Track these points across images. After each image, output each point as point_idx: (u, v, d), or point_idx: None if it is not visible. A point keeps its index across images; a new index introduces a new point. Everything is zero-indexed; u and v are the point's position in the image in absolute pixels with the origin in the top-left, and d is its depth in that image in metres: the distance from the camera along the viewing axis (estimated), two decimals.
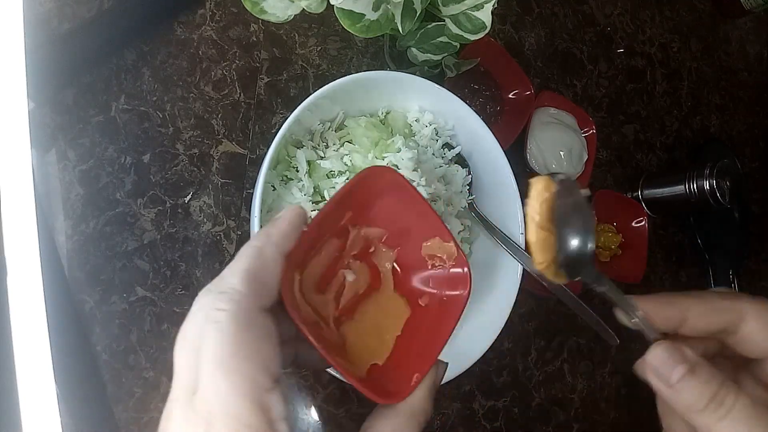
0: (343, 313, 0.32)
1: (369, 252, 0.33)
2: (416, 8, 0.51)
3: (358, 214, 0.33)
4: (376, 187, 0.32)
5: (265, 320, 0.23)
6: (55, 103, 0.48)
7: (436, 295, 0.33)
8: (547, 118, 0.70)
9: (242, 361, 0.22)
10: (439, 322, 0.32)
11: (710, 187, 0.73)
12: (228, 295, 0.23)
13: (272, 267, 0.25)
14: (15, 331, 0.37)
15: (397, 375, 0.30)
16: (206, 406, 0.21)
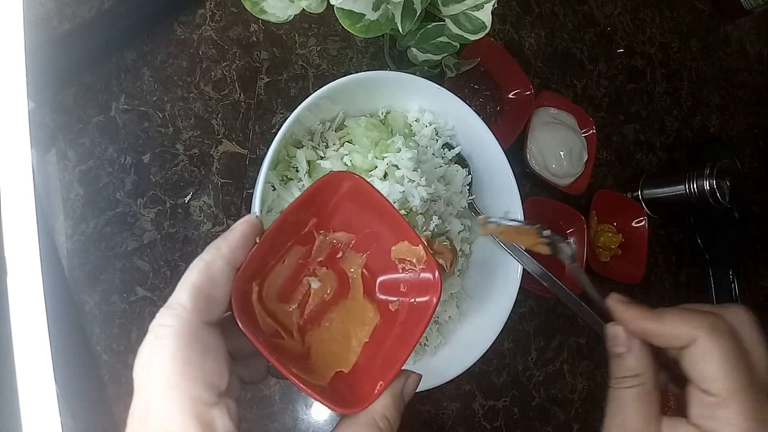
0: (309, 321, 0.31)
1: (337, 258, 0.33)
2: (416, 8, 0.51)
3: (324, 220, 0.32)
4: (340, 194, 0.32)
5: (209, 335, 0.23)
6: (55, 103, 0.48)
7: (406, 300, 0.32)
8: (547, 118, 0.70)
9: (183, 378, 0.22)
10: (407, 328, 0.31)
11: (710, 187, 0.73)
12: (173, 310, 0.23)
13: (220, 281, 0.25)
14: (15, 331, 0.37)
15: (362, 383, 0.29)
16: (153, 425, 0.22)
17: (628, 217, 0.75)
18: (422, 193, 0.49)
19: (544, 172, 0.68)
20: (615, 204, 0.74)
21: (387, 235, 0.32)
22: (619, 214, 0.75)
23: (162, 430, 0.21)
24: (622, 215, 0.75)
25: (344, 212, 0.32)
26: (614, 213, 0.75)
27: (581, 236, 0.69)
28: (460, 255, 0.56)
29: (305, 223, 0.32)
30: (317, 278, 0.32)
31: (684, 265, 0.84)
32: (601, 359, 0.72)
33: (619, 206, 0.75)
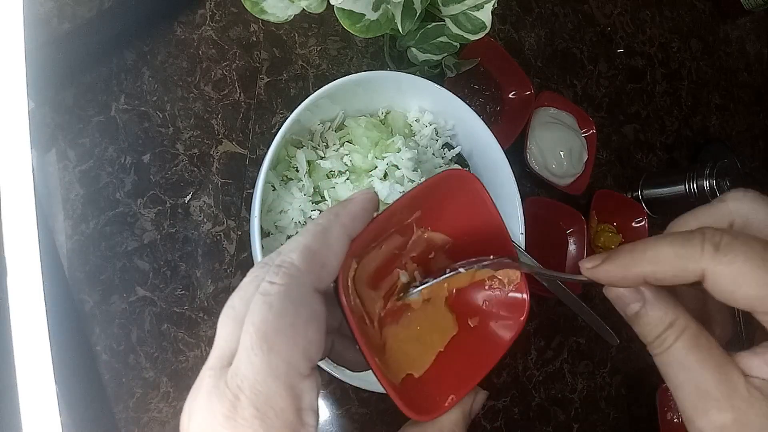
0: (389, 315, 0.30)
1: (428, 258, 0.32)
2: (416, 8, 0.51)
3: (426, 214, 0.31)
4: (453, 191, 0.30)
5: (317, 303, 0.22)
6: (55, 103, 0.48)
7: (488, 317, 0.31)
8: (547, 118, 0.70)
9: (284, 340, 0.20)
10: (485, 346, 0.30)
11: (710, 187, 0.73)
12: (284, 269, 0.22)
13: (336, 248, 0.23)
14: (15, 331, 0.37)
15: (432, 392, 0.29)
16: (237, 380, 0.20)
17: (628, 217, 0.75)
18: None
19: (544, 172, 0.68)
20: (615, 204, 0.74)
21: (484, 246, 0.31)
22: (619, 214, 0.75)
23: (247, 387, 0.20)
24: (622, 215, 0.75)
25: (450, 211, 0.31)
26: (614, 213, 0.75)
27: (581, 236, 0.69)
28: None
29: (411, 213, 0.30)
30: (407, 272, 0.31)
31: None
32: (601, 359, 0.72)
33: (619, 206, 0.75)
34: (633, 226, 0.75)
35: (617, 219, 0.75)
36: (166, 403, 0.48)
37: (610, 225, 0.75)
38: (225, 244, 0.53)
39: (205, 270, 0.52)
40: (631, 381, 0.74)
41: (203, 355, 0.50)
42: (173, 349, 0.49)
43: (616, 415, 0.73)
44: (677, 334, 0.24)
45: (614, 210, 0.74)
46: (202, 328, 0.51)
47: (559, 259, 0.69)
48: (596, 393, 0.72)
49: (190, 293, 0.51)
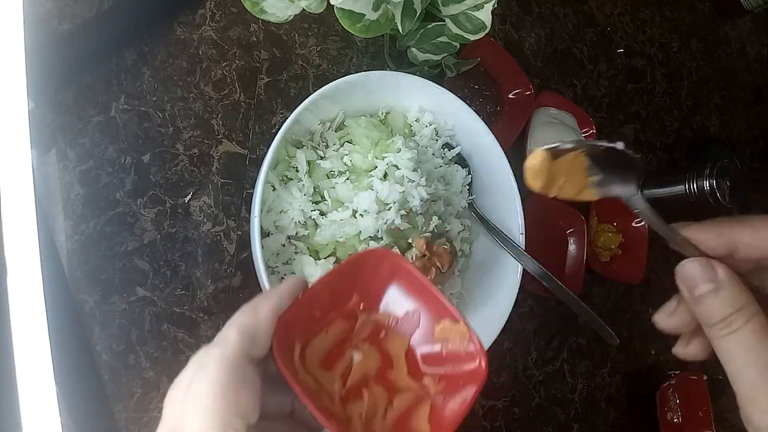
0: (351, 393, 0.32)
1: (380, 337, 0.33)
2: (416, 8, 0.51)
3: (366, 298, 0.33)
4: (381, 273, 0.33)
5: (248, 370, 0.25)
6: (55, 103, 0.48)
7: (449, 380, 0.32)
8: (547, 118, 0.70)
9: (219, 402, 0.23)
10: (449, 408, 0.31)
11: (710, 187, 0.73)
12: (220, 343, 0.25)
13: (264, 322, 0.27)
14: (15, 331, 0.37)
15: None
16: None
17: (628, 217, 0.75)
18: (422, 193, 0.49)
19: None
20: (615, 204, 0.74)
21: (427, 312, 0.33)
22: (619, 214, 0.75)
23: None
24: (622, 215, 0.75)
25: (385, 292, 0.33)
26: (614, 213, 0.75)
27: (581, 236, 0.69)
28: (460, 255, 0.56)
29: (348, 297, 0.33)
30: (360, 351, 0.32)
31: None
32: (601, 359, 0.72)
33: (619, 206, 0.75)
34: (633, 226, 0.75)
35: (617, 219, 0.75)
36: None
37: (610, 225, 0.75)
38: (225, 244, 0.53)
39: (205, 270, 0.52)
40: (631, 381, 0.74)
41: None
42: (173, 349, 0.49)
43: (616, 415, 0.73)
44: (747, 318, 0.24)
45: (614, 210, 0.74)
46: (202, 328, 0.51)
47: (559, 259, 0.69)
48: (596, 393, 0.72)
49: (190, 293, 0.51)
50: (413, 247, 0.51)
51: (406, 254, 0.51)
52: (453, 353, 0.32)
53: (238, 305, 0.53)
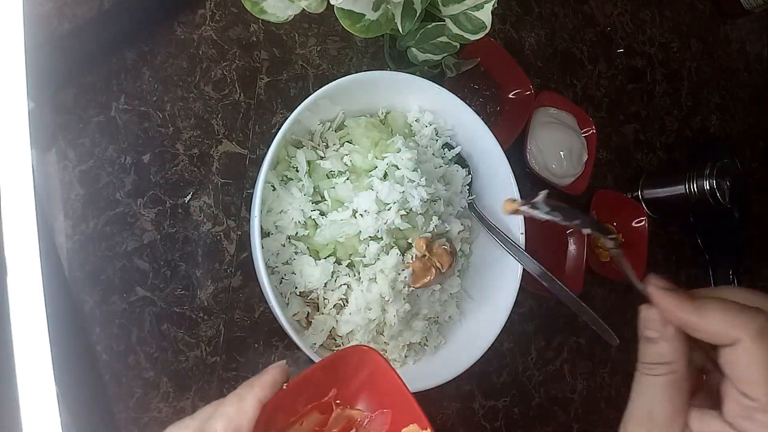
0: None
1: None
2: (416, 8, 0.51)
3: (343, 392, 0.34)
4: (360, 366, 0.34)
5: None
6: (55, 103, 0.48)
7: None
8: (547, 118, 0.70)
9: None
10: None
11: (710, 187, 0.73)
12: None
13: (249, 412, 0.29)
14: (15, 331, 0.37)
15: None
16: None
17: (628, 217, 0.75)
18: (422, 193, 0.49)
19: (544, 172, 0.68)
20: (615, 204, 0.74)
21: (398, 415, 0.34)
22: (618, 214, 0.75)
23: None
24: (622, 215, 0.75)
25: (363, 389, 0.35)
26: (614, 213, 0.75)
27: (581, 236, 0.69)
28: (460, 255, 0.56)
29: (327, 390, 0.34)
30: None
31: (684, 265, 0.84)
32: (601, 359, 0.72)
33: (619, 206, 0.75)
34: (633, 226, 0.75)
35: (617, 219, 0.75)
36: (166, 403, 0.48)
37: (610, 225, 0.75)
38: (225, 244, 0.53)
39: (205, 270, 0.52)
40: (631, 381, 0.74)
41: (203, 355, 0.50)
42: (173, 349, 0.49)
43: (616, 415, 0.73)
44: (667, 372, 0.29)
45: (614, 210, 0.74)
46: (202, 328, 0.51)
47: (559, 259, 0.69)
48: (596, 393, 0.72)
49: (190, 293, 0.51)
50: (413, 247, 0.51)
51: (406, 254, 0.51)
52: None
53: (238, 305, 0.53)
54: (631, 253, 0.74)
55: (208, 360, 0.51)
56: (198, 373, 0.50)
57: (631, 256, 0.74)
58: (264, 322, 0.53)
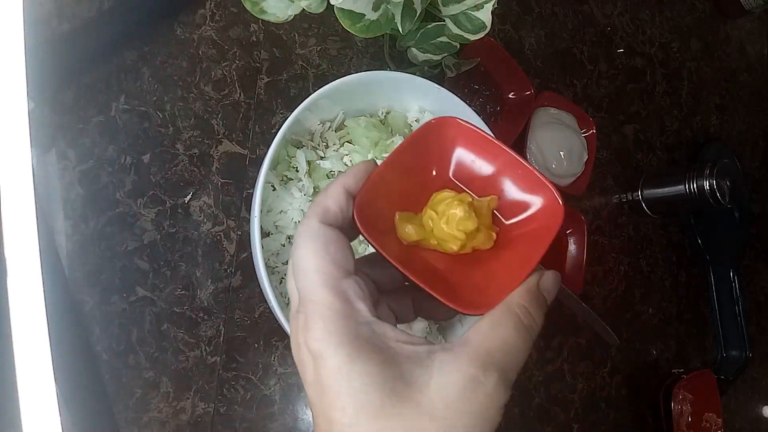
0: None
1: None
2: (416, 8, 0.51)
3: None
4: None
5: (329, 232, 0.28)
6: (55, 103, 0.48)
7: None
8: (547, 118, 0.70)
9: (312, 259, 0.27)
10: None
11: (710, 187, 0.73)
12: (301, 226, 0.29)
13: (335, 197, 0.29)
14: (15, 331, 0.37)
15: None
16: (302, 303, 0.27)
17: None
18: None
19: (544, 172, 0.68)
20: None
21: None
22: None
23: (306, 302, 0.27)
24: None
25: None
26: None
27: (581, 236, 0.69)
28: None
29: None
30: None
31: (684, 265, 0.84)
32: (601, 359, 0.72)
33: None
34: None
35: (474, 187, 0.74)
36: (166, 403, 0.48)
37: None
38: (225, 244, 0.53)
39: (205, 270, 0.52)
40: (631, 381, 0.74)
41: (203, 355, 0.50)
42: (173, 349, 0.49)
43: (616, 415, 0.73)
44: None
45: None
46: (202, 328, 0.51)
47: (559, 259, 0.69)
48: (596, 393, 0.72)
49: (190, 293, 0.51)
50: None
51: None
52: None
53: (238, 305, 0.53)
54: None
55: (208, 360, 0.51)
56: (198, 373, 0.50)
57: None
58: (264, 322, 0.53)
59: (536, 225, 0.31)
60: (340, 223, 0.29)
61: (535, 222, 0.31)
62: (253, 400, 0.52)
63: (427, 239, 0.31)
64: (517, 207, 0.32)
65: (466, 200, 0.31)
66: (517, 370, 0.27)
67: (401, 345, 0.26)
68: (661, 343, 0.78)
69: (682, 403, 0.73)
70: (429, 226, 0.31)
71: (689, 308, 0.84)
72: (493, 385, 0.25)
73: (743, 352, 0.83)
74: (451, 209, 0.30)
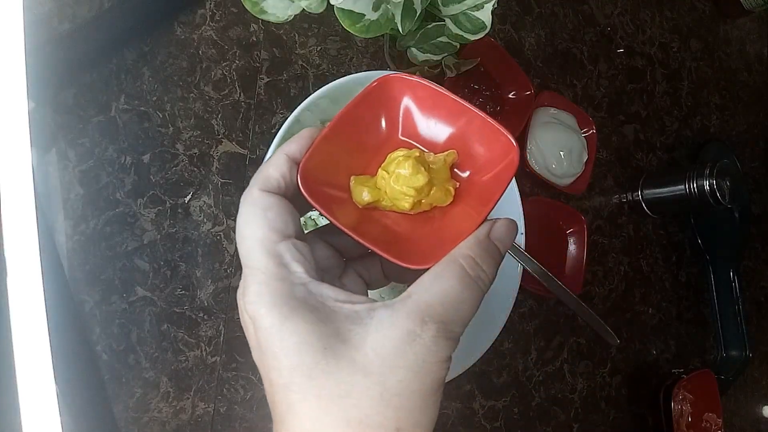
0: None
1: None
2: (416, 8, 0.51)
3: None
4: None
5: (268, 198, 0.28)
6: (55, 103, 0.48)
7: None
8: (547, 118, 0.70)
9: (250, 225, 0.27)
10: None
11: (710, 187, 0.73)
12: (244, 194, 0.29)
13: (274, 161, 0.29)
14: (15, 331, 0.37)
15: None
16: (243, 270, 0.27)
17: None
18: None
19: (544, 172, 0.68)
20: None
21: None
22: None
23: (245, 267, 0.27)
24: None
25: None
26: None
27: (581, 236, 0.69)
28: None
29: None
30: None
31: (684, 265, 0.84)
32: (601, 359, 0.72)
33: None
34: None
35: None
36: (166, 403, 0.48)
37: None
38: (225, 244, 0.53)
39: (205, 270, 0.52)
40: (631, 381, 0.74)
41: (203, 355, 0.50)
42: (173, 349, 0.49)
43: (616, 415, 0.73)
44: None
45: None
46: (202, 328, 0.51)
47: (559, 259, 0.69)
48: (596, 393, 0.72)
49: (190, 293, 0.51)
50: None
51: None
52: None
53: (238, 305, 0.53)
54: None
55: (208, 360, 0.51)
56: (198, 373, 0.50)
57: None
58: None
59: (492, 174, 0.30)
60: (282, 191, 0.28)
61: (491, 170, 0.30)
62: (253, 400, 0.52)
63: (381, 200, 0.30)
64: (476, 159, 0.31)
65: (413, 155, 0.30)
66: (462, 323, 0.26)
67: (339, 305, 0.25)
68: (661, 343, 0.78)
69: (682, 403, 0.73)
70: (383, 187, 0.30)
71: (689, 308, 0.84)
72: (431, 337, 0.24)
73: (743, 352, 0.83)
74: (399, 167, 0.29)
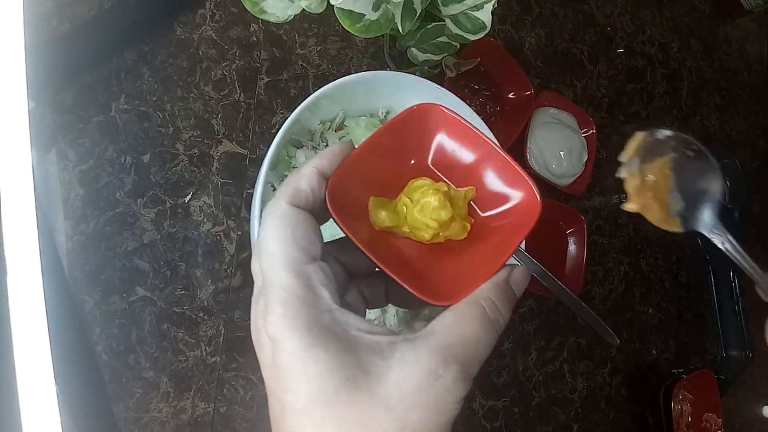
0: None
1: None
2: (416, 8, 0.51)
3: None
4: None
5: (298, 214, 0.27)
6: (55, 103, 0.48)
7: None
8: (547, 118, 0.70)
9: (278, 242, 0.26)
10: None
11: None
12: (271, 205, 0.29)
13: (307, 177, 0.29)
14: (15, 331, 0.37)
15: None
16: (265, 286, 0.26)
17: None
18: None
19: (544, 172, 0.68)
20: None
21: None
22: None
23: (268, 284, 0.26)
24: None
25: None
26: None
27: (581, 236, 0.69)
28: None
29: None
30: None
31: (684, 265, 0.84)
32: (601, 359, 0.72)
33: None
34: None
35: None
36: (166, 403, 0.48)
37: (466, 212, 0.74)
38: (225, 244, 0.53)
39: (205, 270, 0.52)
40: (631, 381, 0.74)
41: (203, 355, 0.50)
42: (173, 349, 0.49)
43: (616, 415, 0.73)
44: None
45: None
46: (202, 328, 0.51)
47: (559, 259, 0.69)
48: (596, 393, 0.72)
49: (190, 293, 0.51)
50: None
51: None
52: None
53: (238, 305, 0.53)
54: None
55: (208, 360, 0.51)
56: (198, 373, 0.50)
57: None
58: None
59: (512, 219, 0.31)
60: (310, 206, 0.28)
61: (511, 216, 0.31)
62: (253, 400, 0.52)
63: (400, 226, 0.31)
64: (495, 199, 0.32)
65: (441, 189, 0.30)
66: (479, 363, 0.26)
67: (362, 334, 0.25)
68: (661, 343, 0.78)
69: (682, 403, 0.73)
70: (403, 213, 0.30)
71: (689, 308, 0.84)
72: (452, 378, 0.25)
73: (743, 352, 0.83)
74: (426, 197, 0.30)
